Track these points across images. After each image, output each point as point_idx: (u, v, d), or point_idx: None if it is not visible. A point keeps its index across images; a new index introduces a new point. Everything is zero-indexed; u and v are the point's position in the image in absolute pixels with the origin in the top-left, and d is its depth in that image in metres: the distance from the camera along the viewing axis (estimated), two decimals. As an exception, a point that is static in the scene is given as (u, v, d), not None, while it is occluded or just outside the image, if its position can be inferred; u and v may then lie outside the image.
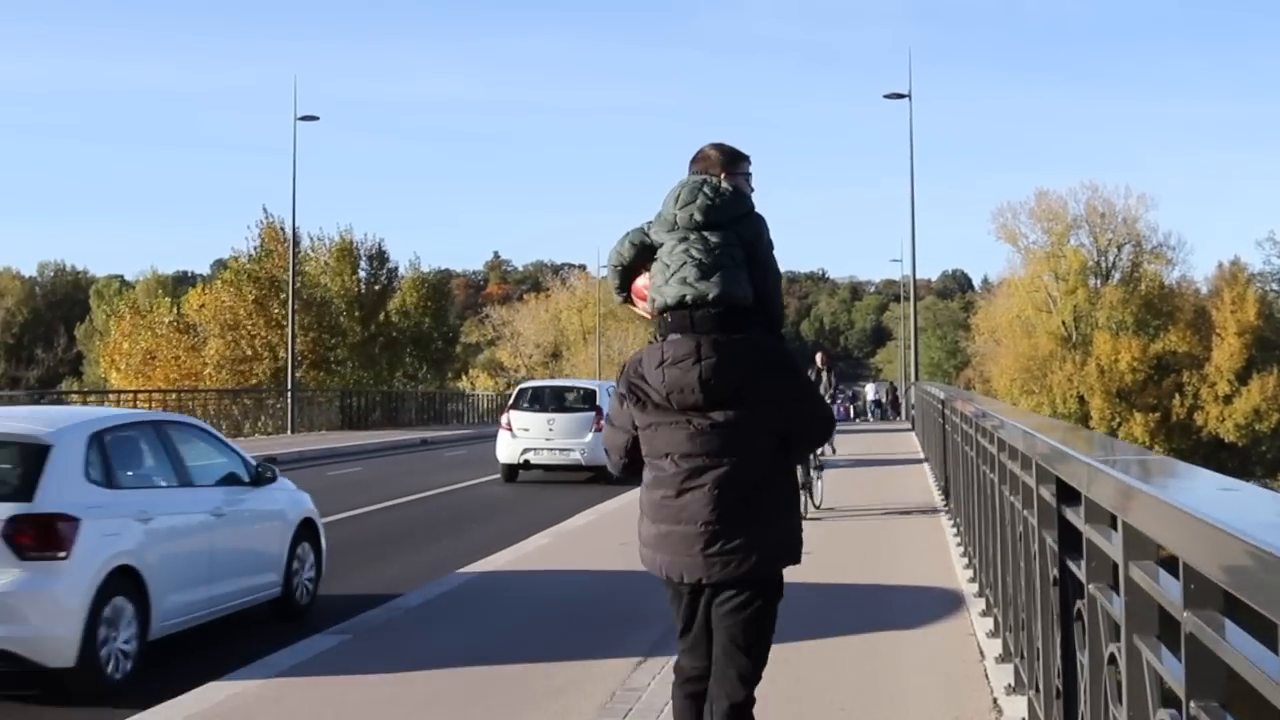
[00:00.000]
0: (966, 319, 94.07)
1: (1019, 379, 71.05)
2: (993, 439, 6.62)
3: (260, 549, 8.54)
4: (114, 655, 6.85)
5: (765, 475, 3.86)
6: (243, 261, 45.01)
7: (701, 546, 3.79)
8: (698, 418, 3.82)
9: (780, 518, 3.91)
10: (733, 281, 3.89)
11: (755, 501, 3.83)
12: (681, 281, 3.89)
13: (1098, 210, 74.01)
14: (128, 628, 6.98)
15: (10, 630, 6.44)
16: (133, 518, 7.21)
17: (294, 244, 39.76)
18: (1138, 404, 68.79)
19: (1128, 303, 71.10)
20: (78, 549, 6.65)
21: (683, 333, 3.87)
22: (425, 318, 51.85)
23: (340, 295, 48.28)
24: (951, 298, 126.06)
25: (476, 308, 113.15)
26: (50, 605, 6.57)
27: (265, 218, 45.45)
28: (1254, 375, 67.77)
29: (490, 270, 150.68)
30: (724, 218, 3.99)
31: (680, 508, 3.82)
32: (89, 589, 6.67)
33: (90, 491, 7.02)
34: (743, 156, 4.24)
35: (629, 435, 4.00)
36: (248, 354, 42.56)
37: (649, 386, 3.88)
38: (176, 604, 7.48)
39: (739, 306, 3.89)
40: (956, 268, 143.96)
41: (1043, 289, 73.79)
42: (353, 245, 50.20)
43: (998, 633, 6.86)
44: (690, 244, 3.94)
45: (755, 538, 3.80)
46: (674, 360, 3.83)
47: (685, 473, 3.82)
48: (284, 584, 8.73)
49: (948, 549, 10.89)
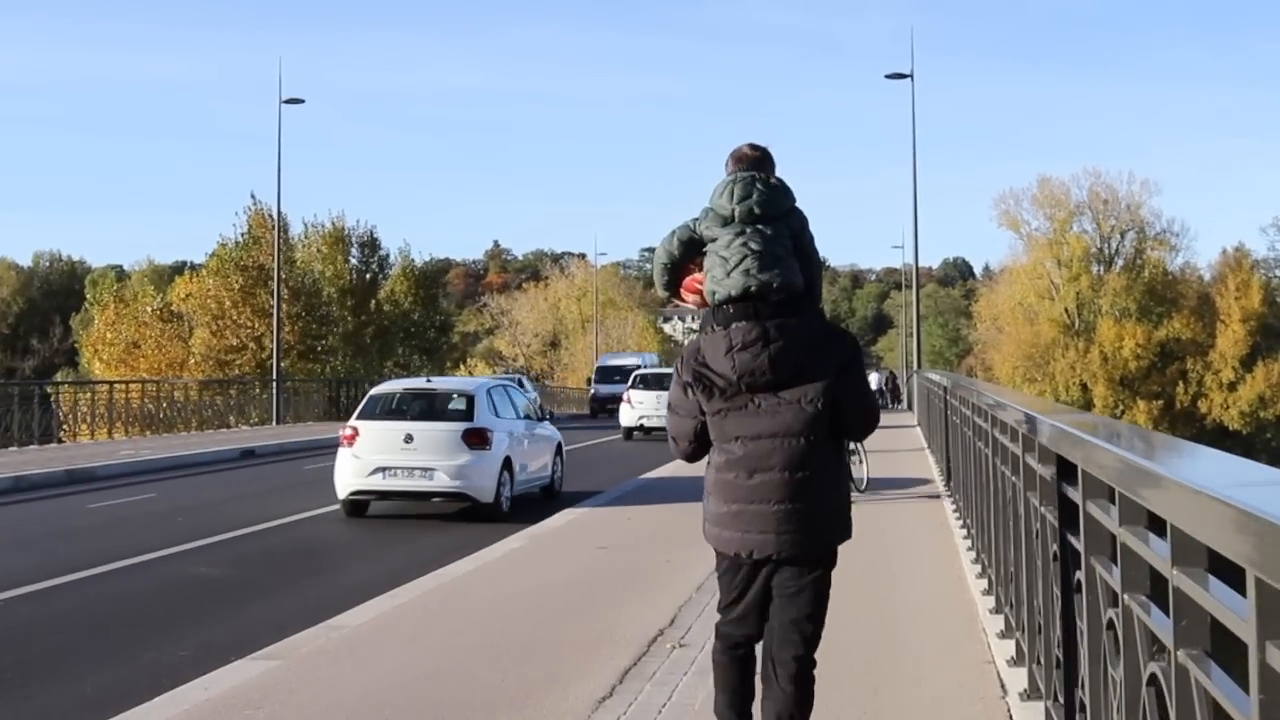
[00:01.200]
0: (968, 306, 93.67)
1: (1021, 366, 70.57)
2: (995, 423, 6.89)
3: (544, 455, 16.23)
4: (505, 499, 14.37)
5: (825, 454, 4.12)
6: (230, 249, 43.94)
7: (775, 525, 4.06)
8: (767, 398, 4.09)
9: (836, 497, 4.19)
10: (790, 271, 4.18)
11: (816, 482, 4.09)
12: (745, 273, 4.14)
13: (1100, 197, 73.52)
14: (508, 487, 14.49)
15: (466, 484, 13.96)
16: (507, 433, 14.74)
17: (279, 229, 38.70)
18: (1141, 391, 68.37)
19: (1131, 289, 70.62)
20: (493, 446, 14.21)
21: (747, 320, 4.12)
22: (415, 307, 50.97)
23: (332, 283, 47.42)
24: (953, 285, 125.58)
25: (476, 297, 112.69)
26: (483, 471, 14.08)
27: (253, 204, 44.40)
28: (1259, 362, 67.37)
29: (490, 259, 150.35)
30: (777, 211, 4.30)
31: (752, 488, 4.08)
32: (499, 465, 14.28)
33: (493, 419, 14.62)
34: (772, 159, 4.52)
35: (697, 421, 4.21)
36: (233, 344, 41.60)
37: (714, 374, 4.14)
38: (520, 479, 14.97)
39: (795, 293, 4.18)
40: (958, 255, 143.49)
41: (1045, 276, 73.31)
42: (344, 232, 49.36)
43: (999, 609, 7.09)
44: (748, 237, 4.21)
45: (818, 517, 4.10)
46: (743, 345, 4.09)
47: (756, 453, 4.08)
48: (550, 477, 16.46)
49: (950, 530, 11.26)
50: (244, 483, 19.56)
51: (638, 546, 10.49)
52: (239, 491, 17.98)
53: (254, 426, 35.59)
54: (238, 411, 36.90)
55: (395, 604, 7.95)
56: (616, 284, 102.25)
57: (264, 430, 33.40)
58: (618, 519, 12.60)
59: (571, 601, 7.99)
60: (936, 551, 10.20)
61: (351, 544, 12.82)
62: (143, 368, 41.16)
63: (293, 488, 18.02)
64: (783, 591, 4.16)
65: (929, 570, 9.33)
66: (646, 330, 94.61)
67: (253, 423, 36.47)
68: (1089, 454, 3.63)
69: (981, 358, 77.53)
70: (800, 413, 4.08)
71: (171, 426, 32.68)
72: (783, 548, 4.09)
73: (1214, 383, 68.31)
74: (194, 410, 35.03)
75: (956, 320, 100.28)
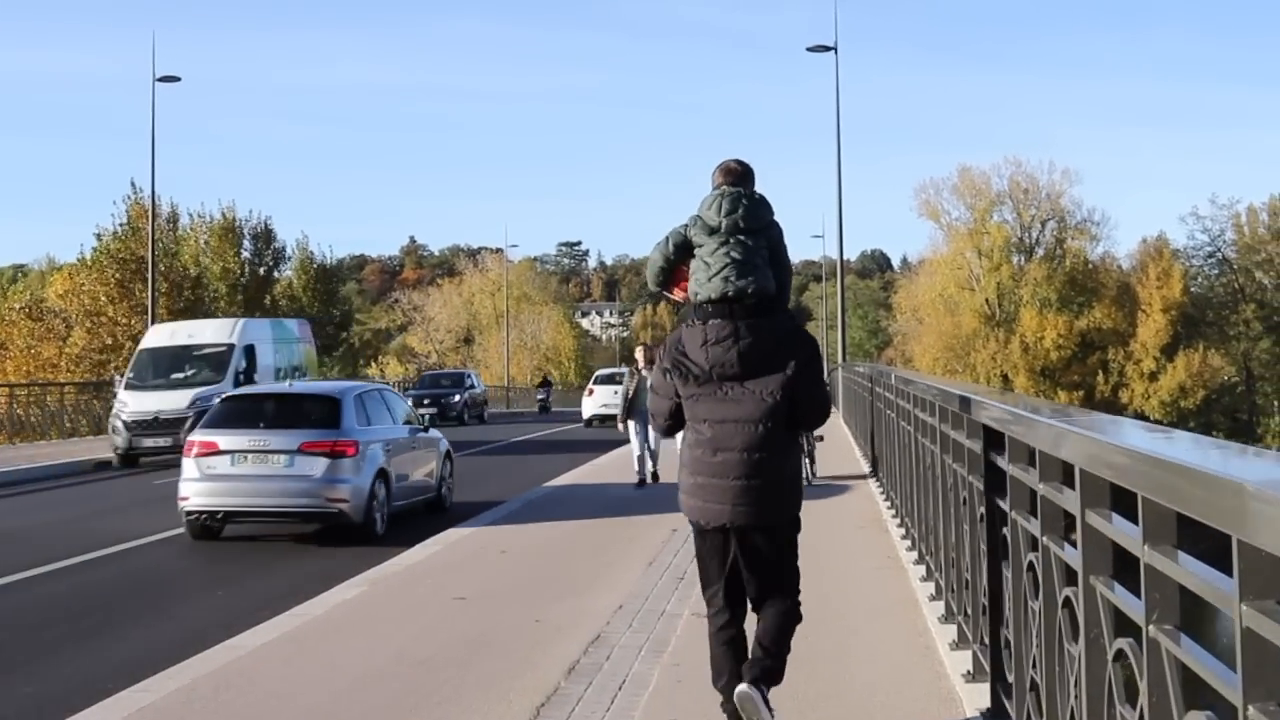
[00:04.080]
0: (887, 298, 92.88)
1: (942, 357, 69.54)
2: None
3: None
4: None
5: (782, 438, 4.70)
6: (107, 241, 40.57)
7: (731, 498, 4.66)
8: (734, 387, 4.68)
9: (788, 476, 4.78)
10: (764, 278, 4.79)
11: (770, 462, 4.67)
12: (724, 280, 4.74)
13: (1021, 186, 72.79)
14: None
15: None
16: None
17: (154, 216, 35.47)
18: (1062, 382, 67.69)
19: (1052, 279, 69.89)
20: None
21: (723, 318, 4.72)
22: (314, 302, 48.03)
23: (220, 277, 44.37)
24: (871, 277, 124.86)
25: (392, 293, 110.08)
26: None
27: (133, 193, 41.04)
28: (1179, 352, 66.84)
29: (406, 255, 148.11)
30: (758, 224, 4.91)
31: (715, 465, 4.67)
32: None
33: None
34: (754, 175, 5.11)
35: (673, 402, 4.81)
36: (109, 343, 38.30)
37: (691, 362, 4.74)
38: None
39: (767, 297, 4.79)
40: (875, 247, 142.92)
41: (966, 266, 72.40)
42: (236, 223, 46.36)
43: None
44: (730, 247, 4.80)
45: (769, 492, 4.68)
46: (717, 340, 4.70)
47: (720, 434, 4.67)
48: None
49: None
50: (84, 501, 17.05)
51: (506, 594, 8.25)
52: (71, 513, 15.45)
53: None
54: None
55: (137, 707, 5.64)
56: (532, 279, 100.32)
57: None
58: (495, 547, 10.37)
59: (375, 706, 5.67)
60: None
61: (187, 577, 10.78)
62: (9, 370, 37.77)
63: (136, 506, 15.64)
64: (754, 559, 4.71)
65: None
66: (561, 325, 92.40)
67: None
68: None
69: (902, 349, 76.45)
70: (761, 403, 4.63)
71: (45, 433, 29.83)
72: (736, 518, 4.64)
73: (1135, 373, 67.87)
74: (68, 416, 32.09)
75: (876, 312, 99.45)
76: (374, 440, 12.79)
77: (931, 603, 7.22)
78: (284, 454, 12.22)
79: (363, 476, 12.33)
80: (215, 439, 12.38)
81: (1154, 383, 67.03)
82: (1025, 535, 4.25)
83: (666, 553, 9.73)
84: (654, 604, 7.68)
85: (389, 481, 12.86)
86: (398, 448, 13.41)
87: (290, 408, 13.14)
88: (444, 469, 14.88)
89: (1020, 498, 4.34)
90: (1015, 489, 4.42)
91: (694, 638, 6.70)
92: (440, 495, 14.72)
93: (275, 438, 12.31)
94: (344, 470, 12.19)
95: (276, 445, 12.25)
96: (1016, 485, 4.39)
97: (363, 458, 12.41)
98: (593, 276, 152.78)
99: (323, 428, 12.49)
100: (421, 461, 14.24)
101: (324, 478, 12.12)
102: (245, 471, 12.22)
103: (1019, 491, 4.37)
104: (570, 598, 7.97)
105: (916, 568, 8.43)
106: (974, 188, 72.82)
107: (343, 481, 12.18)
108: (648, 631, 6.90)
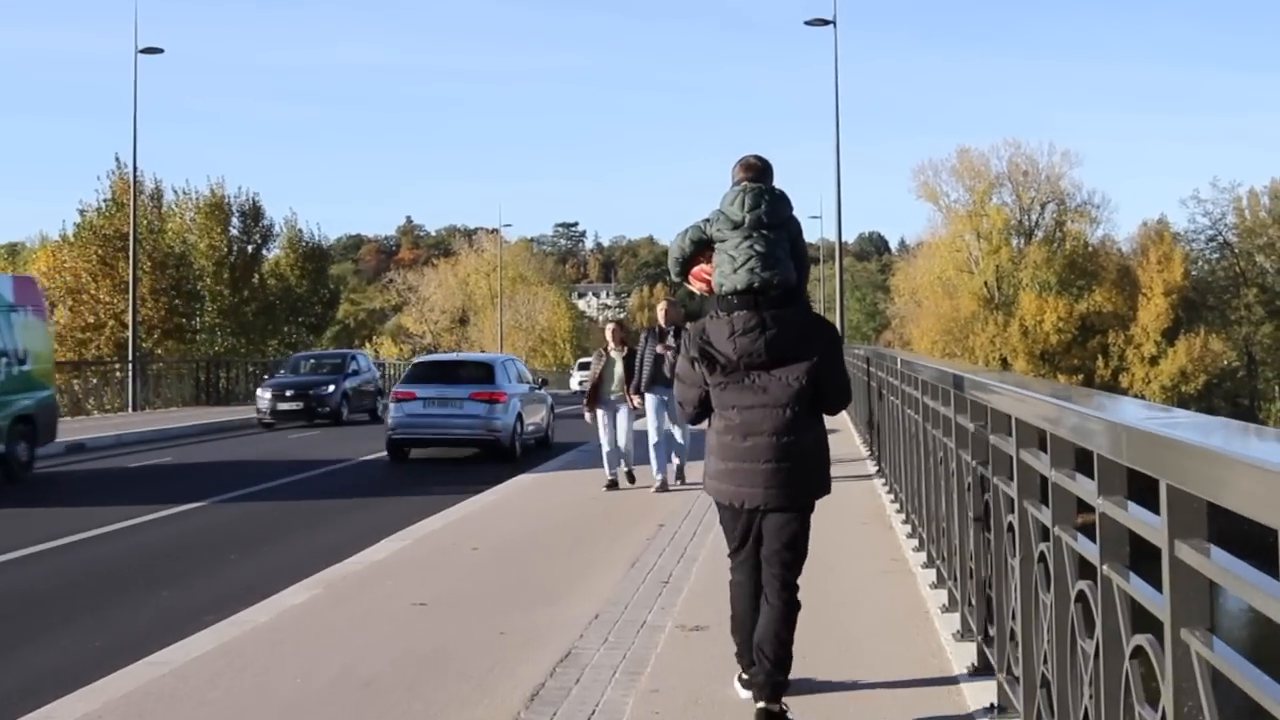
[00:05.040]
0: (884, 281, 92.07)
1: (940, 341, 68.77)
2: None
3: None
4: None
5: (809, 423, 4.94)
6: (91, 217, 39.56)
7: (763, 481, 4.90)
8: (761, 375, 4.91)
9: (815, 459, 4.99)
10: (786, 270, 5.02)
11: (798, 445, 4.90)
12: (750, 271, 4.97)
13: (1020, 168, 71.90)
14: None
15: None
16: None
17: (136, 191, 34.51)
18: (1061, 366, 66.87)
19: (1051, 262, 69.08)
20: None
21: (748, 310, 4.94)
22: (302, 280, 47.09)
23: (206, 255, 43.43)
24: (868, 259, 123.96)
25: (388, 273, 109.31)
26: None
27: (117, 167, 40.05)
28: (1180, 336, 66.08)
29: (403, 235, 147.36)
30: (779, 219, 5.14)
31: (745, 450, 4.91)
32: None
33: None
34: (772, 170, 5.36)
35: (701, 390, 5.03)
36: (91, 321, 37.39)
37: (718, 352, 4.96)
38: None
39: (789, 288, 5.02)
40: (873, 230, 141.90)
41: (964, 249, 71.59)
42: (224, 200, 45.39)
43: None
44: (754, 241, 5.03)
45: (799, 474, 4.92)
46: (744, 331, 4.92)
47: (749, 420, 4.90)
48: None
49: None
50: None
51: (472, 599, 7.45)
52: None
53: (110, 414, 31.98)
54: (95, 397, 33.13)
55: None
56: (528, 259, 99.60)
57: (115, 419, 29.78)
58: (468, 543, 9.60)
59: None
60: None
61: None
62: (-12, 349, 36.88)
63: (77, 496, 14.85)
64: (772, 533, 5.01)
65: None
66: (557, 306, 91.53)
67: (113, 409, 32.77)
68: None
69: (899, 332, 75.65)
70: (787, 388, 4.89)
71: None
72: (768, 500, 4.93)
73: (1135, 357, 67.11)
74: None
75: (873, 295, 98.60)
76: (514, 394, 18.85)
77: (925, 569, 7.41)
78: (459, 400, 18.33)
79: (509, 416, 18.48)
80: (412, 390, 18.60)
81: (1154, 367, 66.27)
82: (1035, 524, 4.22)
83: (651, 552, 8.97)
84: (634, 613, 6.92)
85: (522, 422, 18.99)
86: (525, 400, 19.37)
87: (462, 369, 19.77)
88: (550, 417, 21.02)
89: (1030, 486, 4.27)
90: (1015, 469, 4.41)
91: (676, 657, 5.95)
92: (548, 435, 20.74)
93: (453, 389, 18.47)
94: (498, 412, 18.33)
95: (454, 394, 18.40)
96: (1021, 467, 4.35)
97: (509, 404, 18.53)
98: (589, 257, 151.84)
99: (484, 383, 18.59)
100: (538, 411, 20.26)
101: (486, 416, 18.27)
102: (432, 411, 18.41)
103: (1028, 479, 4.31)
104: (542, 605, 7.21)
105: (916, 552, 8.04)
106: (973, 169, 71.96)
107: (497, 419, 18.30)
108: (625, 648, 6.13)
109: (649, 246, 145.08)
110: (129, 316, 34.08)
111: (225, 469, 18.16)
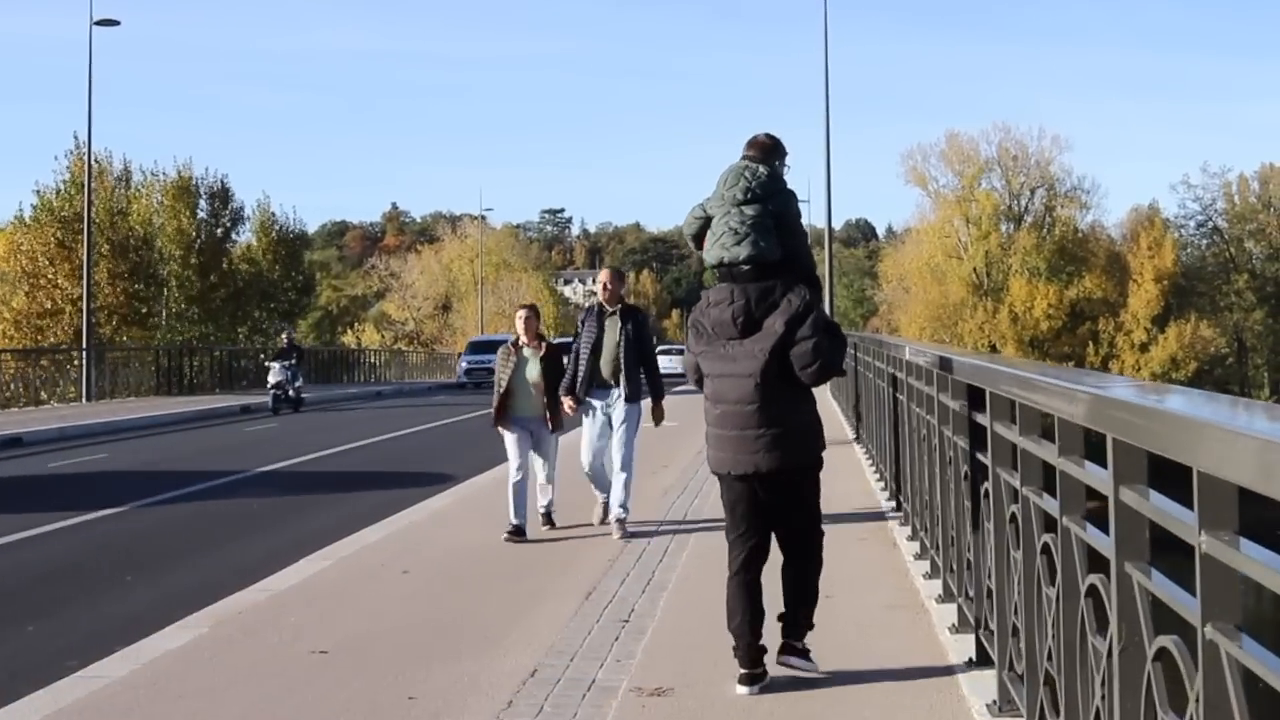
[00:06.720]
0: (872, 267, 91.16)
1: (929, 327, 67.76)
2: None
3: None
4: None
5: (780, 390, 5.07)
6: (48, 198, 37.91)
7: (733, 448, 5.09)
8: (732, 345, 5.13)
9: (793, 425, 5.12)
10: (758, 246, 5.14)
11: (770, 412, 5.04)
12: (721, 247, 5.21)
13: (1010, 153, 71.05)
14: None
15: None
16: None
17: (90, 170, 32.85)
18: (1051, 352, 65.96)
19: (1041, 248, 68.27)
20: None
21: (725, 283, 5.21)
22: (275, 265, 45.55)
23: (173, 239, 41.86)
24: (856, 246, 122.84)
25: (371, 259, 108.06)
26: None
27: (75, 147, 38.36)
28: (1171, 322, 65.19)
29: (388, 222, 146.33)
30: (762, 194, 5.27)
31: (719, 417, 5.15)
32: None
33: None
34: (783, 148, 5.58)
35: (695, 357, 5.29)
36: (47, 307, 35.80)
37: (702, 323, 5.24)
38: None
39: (764, 263, 5.14)
40: (860, 216, 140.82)
41: (953, 234, 70.69)
42: (191, 182, 43.81)
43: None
44: (730, 217, 5.23)
45: (776, 440, 5.05)
46: (716, 303, 5.21)
47: (720, 388, 5.14)
48: None
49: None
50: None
51: (383, 646, 6.05)
52: None
53: (65, 404, 30.52)
54: (51, 386, 31.65)
55: None
56: (512, 246, 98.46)
57: (66, 410, 28.33)
58: (399, 564, 8.27)
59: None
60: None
61: None
62: (-60, 336, 35.31)
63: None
64: (781, 500, 5.18)
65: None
66: (542, 292, 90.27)
67: (68, 398, 31.30)
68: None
69: (888, 318, 74.70)
70: (752, 359, 5.05)
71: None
72: (759, 464, 5.06)
73: (1125, 343, 66.32)
74: (5, 386, 29.83)
75: (861, 281, 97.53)
76: None
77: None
78: None
79: None
80: None
81: (1145, 354, 65.45)
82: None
83: (612, 577, 7.63)
84: (581, 667, 5.59)
85: None
86: None
87: None
88: None
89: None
90: (996, 445, 4.47)
91: (626, 739, 4.64)
92: None
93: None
94: None
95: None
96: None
97: None
98: (575, 244, 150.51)
99: None
100: None
101: None
102: None
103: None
104: (469, 654, 5.87)
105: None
106: (962, 154, 70.97)
107: None
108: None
109: (635, 233, 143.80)
110: (87, 301, 32.53)
111: (166, 466, 16.74)
